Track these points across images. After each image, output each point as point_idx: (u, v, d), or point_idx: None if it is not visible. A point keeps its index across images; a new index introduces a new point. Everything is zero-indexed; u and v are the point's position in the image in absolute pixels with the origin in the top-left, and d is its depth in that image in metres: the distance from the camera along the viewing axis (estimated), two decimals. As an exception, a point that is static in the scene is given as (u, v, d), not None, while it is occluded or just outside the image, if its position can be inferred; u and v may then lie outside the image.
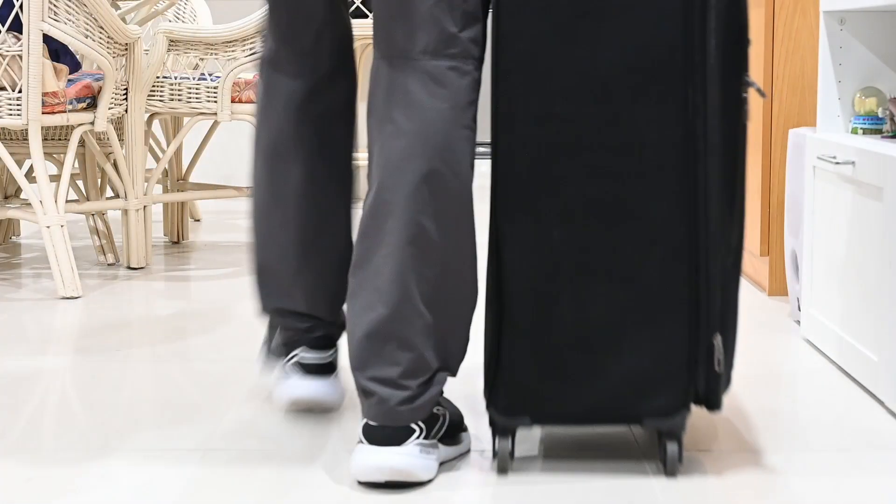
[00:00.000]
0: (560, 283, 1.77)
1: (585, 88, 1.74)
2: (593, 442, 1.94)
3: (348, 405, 2.12)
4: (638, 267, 1.76)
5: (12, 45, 3.09)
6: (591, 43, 1.73)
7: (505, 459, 1.80)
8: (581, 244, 1.76)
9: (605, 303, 1.77)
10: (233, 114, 3.61)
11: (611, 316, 1.77)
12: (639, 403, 1.78)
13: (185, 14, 4.30)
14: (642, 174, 1.75)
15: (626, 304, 1.76)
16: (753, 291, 3.15)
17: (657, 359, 1.77)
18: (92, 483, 1.77)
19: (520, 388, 1.78)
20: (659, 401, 1.78)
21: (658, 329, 1.77)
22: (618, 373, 1.77)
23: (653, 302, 1.76)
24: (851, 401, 2.17)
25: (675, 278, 1.76)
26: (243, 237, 4.16)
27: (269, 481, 1.77)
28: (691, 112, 1.74)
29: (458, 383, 2.19)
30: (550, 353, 1.77)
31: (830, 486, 1.75)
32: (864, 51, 2.48)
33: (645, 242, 1.75)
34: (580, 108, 1.74)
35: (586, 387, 1.78)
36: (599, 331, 1.77)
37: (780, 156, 3.04)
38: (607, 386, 1.78)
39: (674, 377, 1.77)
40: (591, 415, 1.81)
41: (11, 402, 2.18)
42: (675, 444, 1.79)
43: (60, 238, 3.09)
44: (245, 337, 2.67)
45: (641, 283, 1.76)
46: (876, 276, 2.15)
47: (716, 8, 1.73)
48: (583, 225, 1.76)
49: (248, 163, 1.86)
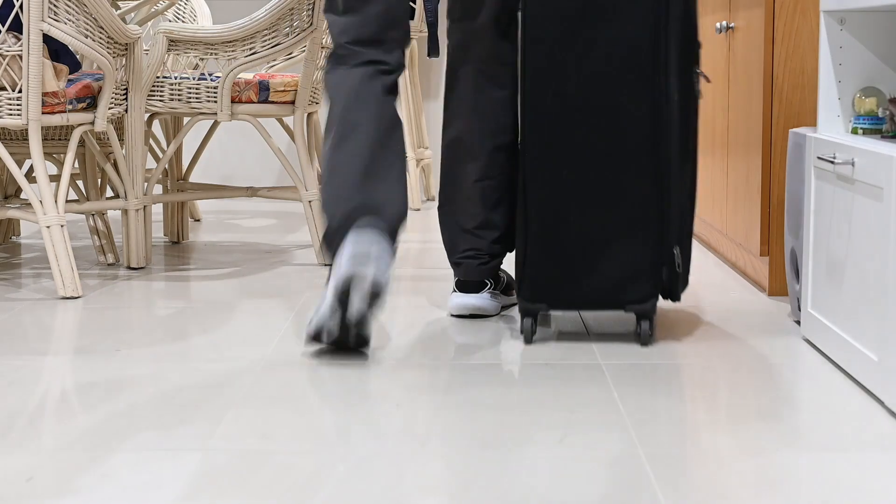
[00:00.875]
0: (568, 208, 2.56)
1: (588, 74, 2.54)
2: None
3: (348, 405, 2.12)
4: (622, 197, 2.54)
5: (12, 45, 3.09)
6: (590, 45, 2.53)
7: (528, 332, 2.59)
8: (583, 181, 2.56)
9: (599, 222, 2.55)
10: (233, 114, 3.61)
11: (603, 231, 2.55)
12: (622, 294, 2.57)
13: (185, 14, 4.30)
14: (625, 133, 2.54)
15: (613, 223, 2.55)
16: (753, 291, 3.15)
17: (634, 262, 2.55)
18: (92, 483, 1.77)
19: (539, 283, 2.58)
20: (636, 292, 2.56)
21: (635, 241, 2.55)
22: (607, 272, 2.56)
23: (632, 221, 2.55)
24: (851, 401, 2.17)
25: (648, 206, 2.55)
26: (243, 237, 4.16)
27: (269, 481, 1.77)
28: (659, 93, 2.53)
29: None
30: (560, 258, 2.57)
31: (830, 485, 1.75)
32: (864, 51, 2.48)
33: (627, 180, 2.54)
34: (584, 87, 2.54)
35: (585, 283, 2.57)
36: (595, 242, 2.56)
37: (780, 156, 3.04)
38: (600, 282, 2.57)
39: (646, 275, 2.56)
40: (588, 303, 2.59)
41: (11, 402, 2.18)
42: (648, 323, 2.57)
43: (60, 238, 3.09)
44: (245, 337, 2.67)
45: (624, 208, 2.55)
46: (876, 276, 2.15)
47: (674, 21, 2.52)
48: (584, 168, 2.55)
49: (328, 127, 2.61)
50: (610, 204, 2.54)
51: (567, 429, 2.01)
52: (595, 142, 2.53)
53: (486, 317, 2.83)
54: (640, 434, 1.98)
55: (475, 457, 1.87)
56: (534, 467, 1.83)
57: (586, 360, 2.46)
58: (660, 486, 1.75)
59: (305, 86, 3.64)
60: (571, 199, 2.55)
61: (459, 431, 2.00)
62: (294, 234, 4.23)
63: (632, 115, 2.52)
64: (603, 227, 2.54)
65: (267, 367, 2.42)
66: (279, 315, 2.89)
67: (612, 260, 2.54)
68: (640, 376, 2.33)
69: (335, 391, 2.25)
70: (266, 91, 3.63)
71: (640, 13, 2.51)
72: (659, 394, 2.22)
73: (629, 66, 2.52)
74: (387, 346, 2.59)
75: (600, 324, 2.78)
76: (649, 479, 1.78)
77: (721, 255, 3.68)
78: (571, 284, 2.56)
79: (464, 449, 1.91)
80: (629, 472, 1.81)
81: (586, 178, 2.54)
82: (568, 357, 2.48)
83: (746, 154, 3.23)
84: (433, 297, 3.08)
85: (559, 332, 2.70)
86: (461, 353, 2.52)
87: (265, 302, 3.05)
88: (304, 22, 3.59)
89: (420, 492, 1.73)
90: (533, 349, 2.54)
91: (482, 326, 2.75)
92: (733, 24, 3.40)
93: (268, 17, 3.54)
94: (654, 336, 2.61)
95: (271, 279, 3.36)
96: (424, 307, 2.97)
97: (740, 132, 3.31)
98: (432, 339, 2.65)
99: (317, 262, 3.61)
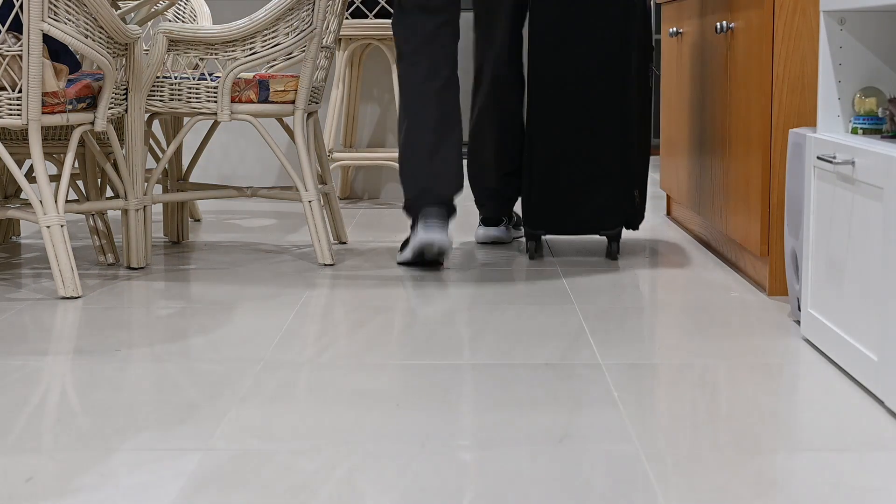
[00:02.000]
0: (561, 157, 3.64)
1: (576, 64, 3.65)
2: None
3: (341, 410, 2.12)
4: (598, 154, 3.64)
5: (12, 45, 3.09)
6: (577, 44, 3.65)
7: (532, 251, 3.70)
8: (572, 141, 3.65)
9: (582, 171, 3.64)
10: (233, 114, 3.61)
11: (585, 178, 3.64)
12: (598, 224, 3.66)
13: (185, 14, 4.30)
14: (601, 108, 3.64)
15: (592, 172, 3.63)
16: (753, 291, 3.15)
17: (607, 201, 3.65)
18: (92, 483, 1.77)
19: (539, 214, 3.66)
20: (608, 223, 3.66)
21: (610, 183, 3.64)
22: (588, 208, 3.65)
23: (605, 171, 3.64)
24: (851, 401, 2.17)
25: (618, 158, 3.64)
26: (243, 237, 4.16)
27: (269, 481, 1.77)
28: (625, 83, 3.64)
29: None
30: (555, 197, 3.65)
31: (830, 486, 1.75)
32: (864, 51, 2.48)
33: (602, 141, 3.63)
34: (573, 71, 3.65)
35: (574, 214, 3.66)
36: (579, 186, 3.65)
37: (780, 156, 3.04)
38: (583, 214, 3.65)
39: (615, 211, 3.66)
40: (576, 230, 3.67)
41: (11, 402, 2.18)
42: (616, 244, 3.67)
43: (60, 238, 3.09)
44: (245, 337, 2.67)
45: (600, 162, 3.64)
46: (876, 276, 2.15)
47: (634, 35, 3.62)
48: (573, 132, 3.64)
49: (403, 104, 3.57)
50: (590, 159, 3.63)
51: (567, 429, 2.01)
52: (581, 113, 3.63)
53: (503, 243, 4.00)
54: (640, 434, 1.98)
55: (475, 457, 1.88)
56: (534, 467, 1.83)
57: (586, 360, 2.46)
58: (660, 486, 1.75)
59: (305, 86, 3.64)
60: (563, 155, 3.63)
61: (459, 431, 2.00)
62: (294, 234, 4.23)
63: (606, 97, 3.62)
64: (585, 175, 3.64)
65: (267, 367, 2.42)
66: (279, 315, 2.89)
67: (592, 199, 3.64)
68: (640, 376, 2.33)
69: (335, 391, 2.25)
70: (266, 91, 3.63)
71: (613, 30, 3.62)
72: (659, 394, 2.22)
73: (605, 64, 3.62)
74: (386, 345, 2.59)
75: (599, 322, 2.78)
76: (649, 479, 1.78)
77: (721, 255, 3.68)
78: (562, 216, 3.66)
79: (464, 449, 1.91)
80: (629, 472, 1.81)
81: (574, 139, 3.63)
82: (568, 357, 2.49)
83: (746, 154, 3.23)
84: (433, 297, 3.08)
85: (559, 332, 2.70)
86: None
87: (265, 302, 3.05)
88: (304, 22, 3.59)
89: (420, 492, 1.73)
90: (533, 347, 2.54)
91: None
92: (733, 24, 3.40)
93: (268, 17, 3.54)
94: (620, 253, 3.81)
95: (271, 279, 3.36)
96: (424, 307, 2.97)
97: (740, 132, 3.31)
98: (432, 341, 2.65)
99: (317, 263, 3.61)
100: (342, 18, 3.81)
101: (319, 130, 3.89)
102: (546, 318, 2.85)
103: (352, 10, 4.95)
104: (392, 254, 3.81)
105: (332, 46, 3.79)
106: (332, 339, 2.66)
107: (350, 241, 4.08)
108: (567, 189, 3.62)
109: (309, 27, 3.59)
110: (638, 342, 2.60)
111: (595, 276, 3.40)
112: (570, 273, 3.45)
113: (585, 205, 3.63)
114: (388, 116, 5.31)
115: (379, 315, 2.89)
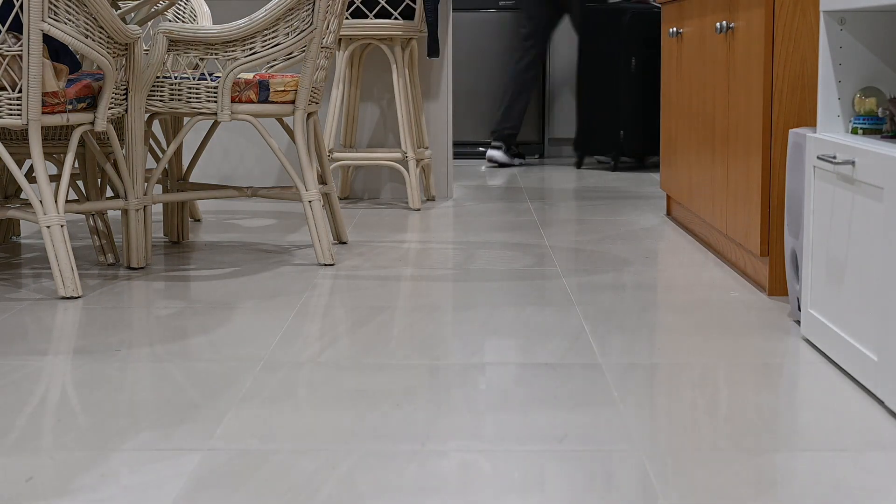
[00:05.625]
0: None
1: (595, 54, 6.62)
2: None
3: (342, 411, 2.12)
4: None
5: (12, 45, 3.09)
6: (593, 42, 6.65)
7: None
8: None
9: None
10: (233, 114, 3.61)
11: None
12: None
13: (185, 14, 4.30)
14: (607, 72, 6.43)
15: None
16: (753, 291, 3.15)
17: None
18: (92, 483, 1.77)
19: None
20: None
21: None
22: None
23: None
24: (851, 401, 2.17)
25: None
26: (243, 237, 4.16)
27: (269, 481, 1.77)
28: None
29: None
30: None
31: (830, 486, 1.75)
32: (864, 51, 2.48)
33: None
34: (596, 50, 6.57)
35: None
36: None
37: (780, 156, 3.04)
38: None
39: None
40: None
41: (11, 402, 2.18)
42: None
43: (60, 238, 3.09)
44: (245, 337, 2.67)
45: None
46: (876, 276, 2.15)
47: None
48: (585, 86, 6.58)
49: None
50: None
51: (567, 429, 2.01)
52: (592, 76, 6.52)
53: (505, 165, 6.67)
54: (640, 433, 1.98)
55: (475, 457, 1.88)
56: (534, 467, 1.83)
57: (586, 360, 2.46)
58: (660, 486, 1.75)
59: (305, 86, 3.64)
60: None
61: (459, 431, 2.00)
62: (294, 234, 4.23)
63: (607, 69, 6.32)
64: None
65: (267, 367, 2.42)
66: (279, 315, 2.89)
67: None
68: (640, 376, 2.33)
69: (335, 391, 2.25)
70: (266, 91, 3.63)
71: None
72: (659, 394, 2.22)
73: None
74: (386, 345, 2.59)
75: (597, 319, 2.78)
76: (649, 479, 1.78)
77: (721, 255, 3.68)
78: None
79: (463, 449, 1.91)
80: (629, 472, 1.81)
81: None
82: (568, 357, 2.49)
83: (746, 154, 3.23)
84: (433, 297, 3.09)
85: (559, 332, 2.70)
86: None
87: (265, 302, 3.05)
88: (304, 22, 3.59)
89: (420, 492, 1.73)
90: (533, 347, 2.54)
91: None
92: (733, 24, 3.40)
93: (268, 17, 3.54)
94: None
95: (271, 279, 3.36)
96: (424, 307, 2.97)
97: (740, 132, 3.31)
98: (432, 341, 2.65)
99: (317, 262, 3.61)
100: (342, 18, 3.82)
101: (319, 130, 3.89)
102: (546, 318, 2.85)
103: (352, 10, 4.95)
104: (392, 254, 3.82)
105: (332, 46, 3.79)
106: (332, 339, 2.66)
107: (350, 241, 4.08)
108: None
109: (309, 27, 3.59)
110: (638, 342, 2.60)
111: (595, 276, 3.40)
112: (570, 273, 3.45)
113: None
114: (388, 116, 5.32)
115: (379, 315, 2.89)
